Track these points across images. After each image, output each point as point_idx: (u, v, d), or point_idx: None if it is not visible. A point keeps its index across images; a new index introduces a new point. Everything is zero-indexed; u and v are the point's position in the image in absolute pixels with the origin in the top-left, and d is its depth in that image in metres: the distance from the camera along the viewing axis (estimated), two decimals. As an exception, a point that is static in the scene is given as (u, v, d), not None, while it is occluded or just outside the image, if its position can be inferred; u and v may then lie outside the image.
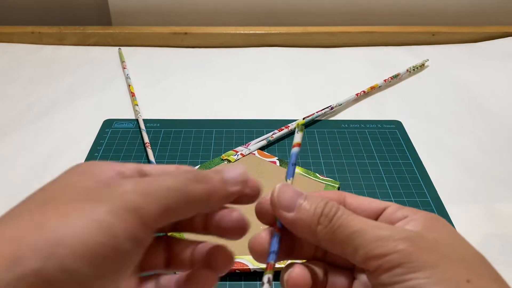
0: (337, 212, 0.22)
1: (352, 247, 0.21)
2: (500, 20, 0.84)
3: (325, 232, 0.22)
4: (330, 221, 0.22)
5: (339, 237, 0.22)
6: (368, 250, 0.21)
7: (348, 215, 0.22)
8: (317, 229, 0.22)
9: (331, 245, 0.23)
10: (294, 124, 0.56)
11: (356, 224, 0.22)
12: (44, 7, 0.83)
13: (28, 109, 0.60)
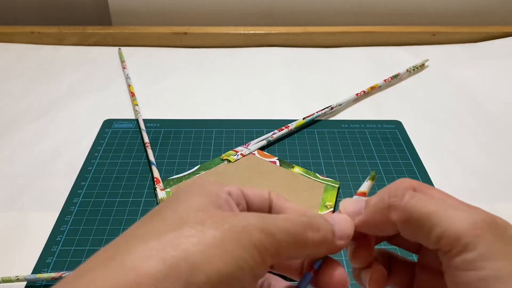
0: (405, 194, 0.22)
1: (427, 227, 0.21)
2: (500, 20, 0.84)
3: (399, 214, 0.22)
4: (401, 199, 0.22)
5: (415, 216, 0.22)
6: (444, 230, 0.21)
7: (421, 196, 0.22)
8: (391, 213, 0.22)
9: (406, 227, 0.22)
10: (294, 124, 0.56)
11: (431, 204, 0.22)
12: (44, 7, 0.83)
13: (28, 109, 0.60)
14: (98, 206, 0.45)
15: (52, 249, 0.40)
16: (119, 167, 0.50)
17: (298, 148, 0.53)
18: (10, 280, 0.37)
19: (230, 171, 0.49)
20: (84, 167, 0.50)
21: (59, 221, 0.43)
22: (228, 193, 0.23)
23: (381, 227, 0.23)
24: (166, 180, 0.47)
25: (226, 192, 0.23)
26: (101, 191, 0.47)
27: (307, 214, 0.23)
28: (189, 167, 0.49)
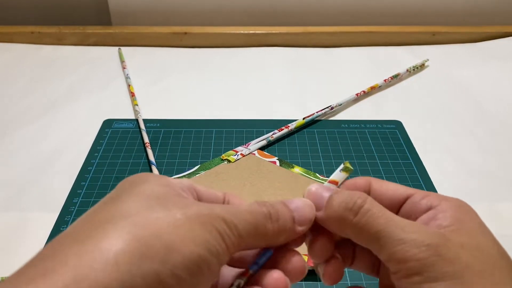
0: (362, 206, 0.22)
1: (377, 245, 0.22)
2: (500, 20, 0.84)
3: (352, 229, 0.23)
4: (355, 215, 0.22)
5: (366, 234, 0.22)
6: (391, 252, 0.21)
7: (374, 212, 0.22)
8: (345, 227, 0.23)
9: (359, 241, 0.23)
10: (294, 124, 0.56)
11: (381, 223, 0.22)
12: (44, 7, 0.83)
13: (28, 109, 0.60)
14: (98, 206, 0.45)
15: (52, 249, 0.40)
16: (119, 167, 0.50)
17: (298, 148, 0.53)
18: (10, 280, 0.37)
19: (230, 171, 0.49)
20: (84, 167, 0.50)
21: (59, 221, 0.43)
22: (180, 187, 0.23)
23: (338, 231, 0.24)
24: (166, 180, 0.47)
25: (179, 186, 0.23)
26: (101, 191, 0.47)
27: (267, 204, 0.23)
28: (189, 167, 0.49)
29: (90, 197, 0.46)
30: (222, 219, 0.20)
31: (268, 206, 0.23)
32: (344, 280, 0.38)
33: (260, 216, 0.22)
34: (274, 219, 0.22)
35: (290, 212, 0.23)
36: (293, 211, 0.23)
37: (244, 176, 0.48)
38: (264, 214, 0.22)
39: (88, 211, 0.21)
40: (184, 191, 0.23)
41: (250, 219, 0.22)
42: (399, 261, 0.21)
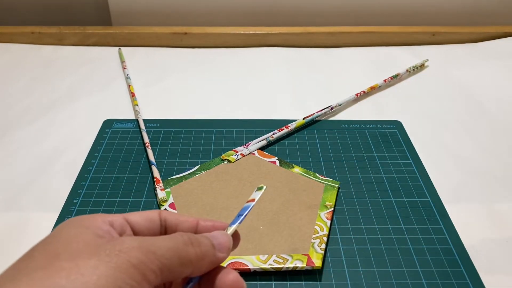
0: None
1: None
2: (500, 20, 0.84)
3: None
4: None
5: None
6: None
7: None
8: None
9: None
10: (294, 124, 0.56)
11: None
12: (44, 7, 0.83)
13: (28, 109, 0.60)
14: (98, 206, 0.45)
15: (52, 249, 0.40)
16: (119, 167, 0.50)
17: (298, 148, 0.53)
18: (10, 280, 0.37)
19: (230, 171, 0.49)
20: (84, 167, 0.50)
21: (59, 221, 0.43)
22: (110, 223, 0.24)
23: None
24: (166, 180, 0.47)
25: (108, 223, 0.23)
26: (101, 191, 0.47)
27: (188, 233, 0.24)
28: (189, 167, 0.49)
29: (90, 197, 0.46)
30: (136, 249, 0.21)
31: (189, 234, 0.24)
32: (344, 280, 0.38)
33: (180, 242, 0.23)
34: (196, 244, 0.23)
35: (209, 239, 0.25)
36: (212, 239, 0.25)
37: (244, 176, 0.48)
38: (184, 240, 0.23)
39: (7, 268, 0.21)
40: (111, 229, 0.23)
41: (169, 244, 0.22)
42: None
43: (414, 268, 0.39)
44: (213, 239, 0.25)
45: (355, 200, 0.46)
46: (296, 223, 0.42)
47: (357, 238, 0.42)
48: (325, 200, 0.45)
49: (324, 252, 0.39)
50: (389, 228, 0.43)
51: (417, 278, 0.38)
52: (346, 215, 0.44)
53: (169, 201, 0.45)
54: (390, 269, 0.39)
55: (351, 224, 0.43)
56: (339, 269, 0.39)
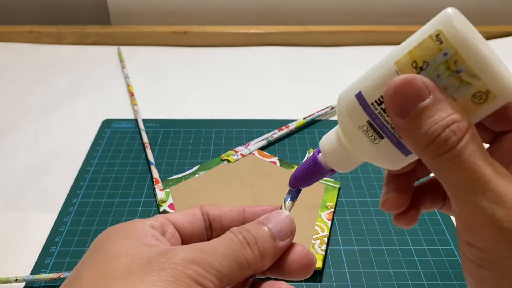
0: (458, 143, 0.18)
1: (455, 201, 0.19)
2: (502, 20, 0.83)
3: (431, 164, 0.19)
4: (439, 153, 0.18)
5: (451, 179, 0.18)
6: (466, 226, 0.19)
7: (481, 158, 0.18)
8: (424, 155, 0.19)
9: (436, 175, 0.19)
10: (295, 124, 0.55)
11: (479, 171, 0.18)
12: (43, 7, 0.82)
13: (27, 109, 0.60)
14: (97, 207, 0.44)
15: (51, 250, 0.40)
16: (118, 167, 0.50)
17: (299, 148, 0.53)
18: (9, 281, 0.37)
19: (230, 171, 0.48)
20: (83, 168, 0.49)
21: (58, 221, 0.43)
22: (151, 226, 0.22)
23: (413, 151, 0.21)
24: (166, 180, 0.47)
25: (149, 226, 0.22)
26: (100, 191, 0.46)
27: (241, 229, 0.22)
28: (188, 167, 0.49)
29: (89, 198, 0.45)
30: (191, 261, 0.19)
31: (243, 231, 0.22)
32: (344, 280, 0.38)
33: (235, 246, 0.21)
34: (252, 244, 0.21)
35: (268, 230, 0.22)
36: (271, 228, 0.22)
37: (244, 176, 0.48)
38: (239, 242, 0.21)
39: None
40: (154, 237, 0.22)
41: (225, 251, 0.20)
42: (470, 242, 0.19)
43: (415, 269, 0.38)
44: (271, 225, 0.22)
45: (356, 201, 0.45)
46: (297, 224, 0.41)
47: (358, 239, 0.41)
48: (325, 201, 0.44)
49: (324, 253, 0.39)
50: (390, 228, 0.42)
51: (418, 279, 0.38)
52: (347, 215, 0.44)
53: (168, 201, 0.44)
54: (391, 270, 0.38)
55: (352, 225, 0.43)
56: (340, 270, 0.38)
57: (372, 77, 0.20)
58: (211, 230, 0.26)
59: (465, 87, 0.18)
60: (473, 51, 0.18)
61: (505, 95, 0.18)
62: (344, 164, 0.23)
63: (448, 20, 0.18)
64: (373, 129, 0.20)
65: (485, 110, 0.19)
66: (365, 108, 0.20)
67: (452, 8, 0.18)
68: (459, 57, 0.18)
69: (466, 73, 0.18)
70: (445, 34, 0.18)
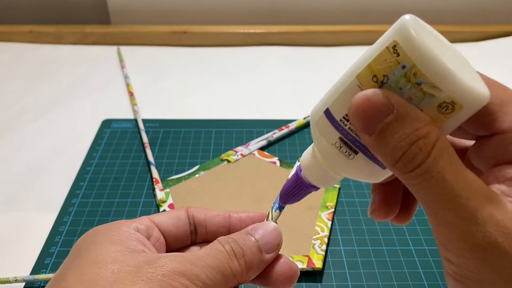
0: (425, 160, 0.17)
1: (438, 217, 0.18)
2: (502, 19, 0.83)
3: (402, 180, 0.18)
4: (407, 170, 0.17)
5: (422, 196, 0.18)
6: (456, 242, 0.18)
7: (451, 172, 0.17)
8: (394, 172, 0.18)
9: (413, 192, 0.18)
10: (295, 124, 0.55)
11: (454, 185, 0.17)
12: (43, 6, 0.82)
13: (26, 108, 0.60)
14: (96, 207, 0.44)
15: (51, 250, 0.40)
16: (118, 167, 0.49)
17: (299, 148, 0.53)
18: (8, 281, 0.37)
19: (230, 171, 0.48)
20: (82, 168, 0.49)
21: (57, 221, 0.43)
22: (136, 229, 0.22)
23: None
24: (165, 181, 0.47)
25: (134, 229, 0.22)
26: (99, 191, 0.46)
27: (229, 240, 0.22)
28: (188, 167, 0.49)
29: (88, 198, 0.45)
30: (179, 273, 0.19)
31: (231, 242, 0.22)
32: (345, 280, 0.37)
33: (222, 257, 0.21)
34: (239, 256, 0.21)
35: (255, 242, 0.22)
36: (259, 240, 0.22)
37: (244, 176, 0.48)
38: (227, 253, 0.21)
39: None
40: (139, 242, 0.22)
41: (212, 263, 0.20)
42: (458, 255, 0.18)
43: (415, 270, 0.38)
44: (258, 236, 0.22)
45: (356, 201, 0.45)
46: (297, 224, 0.42)
47: (358, 239, 0.41)
48: (326, 201, 0.44)
49: (324, 253, 0.39)
50: (390, 229, 0.42)
51: (418, 279, 0.38)
52: (347, 215, 0.44)
53: (168, 201, 0.44)
54: (391, 270, 0.38)
55: (352, 225, 0.43)
56: (340, 270, 0.38)
57: (336, 92, 0.20)
58: (195, 234, 0.26)
59: (429, 98, 0.17)
60: (431, 62, 0.17)
61: (472, 104, 0.17)
62: (324, 180, 0.22)
63: (403, 29, 0.17)
64: (346, 145, 0.20)
65: (456, 119, 0.18)
66: (334, 124, 0.20)
67: (409, 15, 0.17)
68: (417, 70, 0.17)
69: (427, 85, 0.17)
70: (401, 46, 0.17)
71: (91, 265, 0.20)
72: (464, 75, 0.17)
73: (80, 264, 0.20)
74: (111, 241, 0.21)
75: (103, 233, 0.22)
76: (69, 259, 0.21)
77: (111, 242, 0.21)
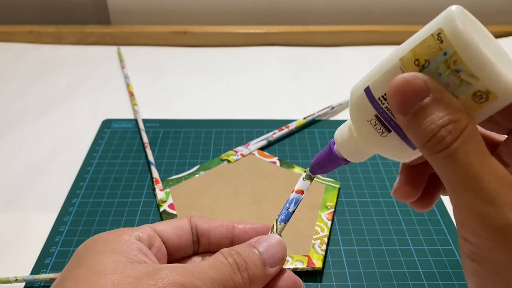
0: (453, 143, 0.18)
1: (459, 199, 0.19)
2: (502, 19, 0.83)
3: (429, 160, 0.19)
4: (435, 151, 0.18)
5: (446, 176, 0.19)
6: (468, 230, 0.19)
7: (476, 157, 0.18)
8: (423, 152, 0.19)
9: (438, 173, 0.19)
10: (295, 124, 0.55)
11: (480, 171, 0.18)
12: (43, 6, 0.82)
13: (26, 109, 0.60)
14: (97, 207, 0.44)
15: (51, 250, 0.40)
16: (118, 167, 0.49)
17: (299, 148, 0.53)
18: (9, 281, 0.37)
19: (230, 171, 0.48)
20: (82, 168, 0.49)
21: (57, 221, 0.43)
22: (137, 238, 0.22)
23: None
24: (166, 181, 0.47)
25: (136, 238, 0.22)
26: (100, 191, 0.46)
27: (233, 252, 0.22)
28: (188, 167, 0.49)
29: (89, 198, 0.45)
30: (181, 286, 0.19)
31: (234, 254, 0.21)
32: (344, 280, 0.38)
33: (225, 270, 0.21)
34: (242, 269, 0.21)
35: (259, 255, 0.22)
36: (263, 253, 0.22)
37: (244, 176, 0.48)
38: (230, 266, 0.21)
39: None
40: (141, 251, 0.21)
41: (214, 275, 0.20)
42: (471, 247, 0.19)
43: (415, 269, 0.38)
44: (262, 249, 0.22)
45: (356, 201, 0.45)
46: (297, 224, 0.42)
47: (358, 239, 0.41)
48: (325, 201, 0.44)
49: (324, 253, 0.39)
50: (390, 228, 0.42)
51: (418, 279, 0.38)
52: (347, 215, 0.44)
53: (168, 201, 0.44)
54: (391, 270, 0.38)
55: (352, 225, 0.43)
56: (340, 270, 0.38)
57: (379, 73, 0.21)
58: (198, 244, 0.25)
59: (465, 86, 0.18)
60: (472, 51, 0.17)
61: (506, 95, 0.18)
62: (356, 154, 0.23)
63: (450, 19, 0.18)
64: (381, 123, 0.21)
65: (488, 109, 0.19)
66: (372, 102, 0.21)
67: (456, 6, 0.18)
68: (458, 57, 0.18)
69: (465, 73, 0.18)
70: (445, 34, 0.18)
71: (91, 275, 0.19)
72: (502, 67, 0.18)
73: (79, 274, 0.20)
74: (111, 250, 0.21)
75: (104, 242, 0.21)
76: (68, 268, 0.21)
77: (111, 251, 0.21)
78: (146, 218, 0.43)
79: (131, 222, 0.43)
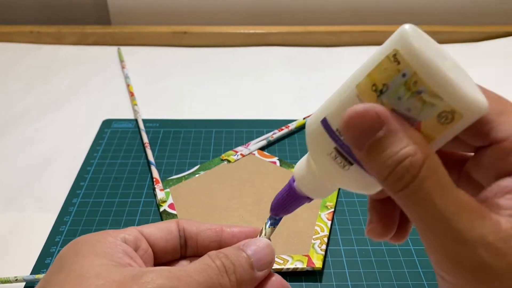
0: (412, 181, 0.17)
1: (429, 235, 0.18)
2: (501, 20, 0.83)
3: (394, 198, 0.18)
4: (395, 190, 0.17)
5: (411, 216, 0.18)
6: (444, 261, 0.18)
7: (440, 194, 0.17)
8: (384, 188, 0.18)
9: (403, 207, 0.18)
10: (295, 124, 0.55)
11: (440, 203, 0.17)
12: (43, 7, 0.82)
13: (27, 109, 0.60)
14: (97, 207, 0.44)
15: (51, 250, 0.40)
16: (118, 167, 0.50)
17: (299, 148, 0.53)
18: (9, 280, 0.37)
19: (230, 171, 0.48)
20: (83, 168, 0.49)
21: (58, 221, 0.43)
22: (123, 240, 0.22)
23: None
24: (166, 181, 0.47)
25: (121, 240, 0.22)
26: (100, 191, 0.46)
27: (220, 255, 0.21)
28: (188, 167, 0.49)
29: (89, 198, 0.45)
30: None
31: (222, 257, 0.21)
32: (344, 280, 0.38)
33: (212, 273, 0.20)
34: (230, 272, 0.21)
35: (247, 258, 0.22)
36: (251, 256, 0.22)
37: (244, 176, 0.48)
38: (217, 268, 0.20)
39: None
40: (126, 254, 0.21)
41: (201, 279, 0.20)
42: None
43: (415, 269, 0.38)
44: (250, 252, 0.22)
45: (356, 201, 0.45)
46: (297, 224, 0.42)
47: (358, 238, 0.41)
48: (325, 201, 0.45)
49: (324, 253, 0.39)
50: (390, 228, 0.42)
51: (418, 279, 0.38)
52: (346, 215, 0.44)
53: (168, 201, 0.44)
54: (391, 270, 0.38)
55: (351, 225, 0.43)
56: (340, 270, 0.38)
57: (335, 102, 0.19)
58: (185, 248, 0.25)
59: (428, 108, 0.17)
60: (432, 70, 0.17)
61: (471, 113, 0.17)
62: (318, 190, 0.22)
63: (404, 38, 0.17)
64: (342, 156, 0.19)
65: (454, 129, 0.18)
66: (331, 134, 0.19)
67: (409, 24, 0.17)
68: (418, 78, 0.17)
69: (427, 94, 0.17)
70: (401, 54, 0.17)
71: (74, 280, 0.19)
72: (464, 85, 0.17)
73: (62, 278, 0.19)
74: (96, 253, 0.20)
75: (88, 244, 0.21)
76: (51, 271, 0.20)
77: (95, 254, 0.20)
78: (146, 218, 0.43)
79: (131, 222, 0.43)
